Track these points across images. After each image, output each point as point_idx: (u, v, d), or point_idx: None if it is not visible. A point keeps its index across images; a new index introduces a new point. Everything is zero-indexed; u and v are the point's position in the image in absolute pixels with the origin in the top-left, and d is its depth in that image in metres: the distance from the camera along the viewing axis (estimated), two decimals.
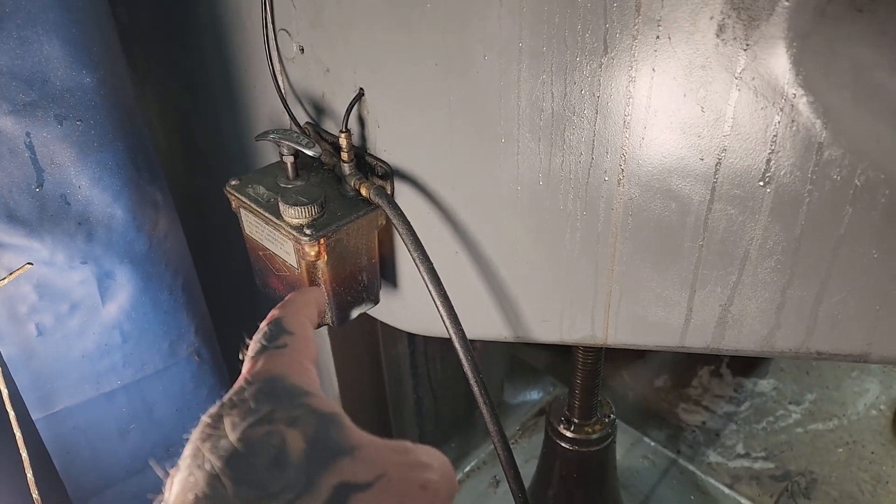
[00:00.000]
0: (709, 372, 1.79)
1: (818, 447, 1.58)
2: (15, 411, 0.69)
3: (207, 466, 0.28)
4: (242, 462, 0.28)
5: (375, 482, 0.29)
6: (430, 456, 0.33)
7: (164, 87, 1.10)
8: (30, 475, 0.71)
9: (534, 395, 1.69)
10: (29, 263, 0.63)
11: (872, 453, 1.55)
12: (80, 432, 0.83)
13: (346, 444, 0.30)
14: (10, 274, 0.63)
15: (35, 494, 0.72)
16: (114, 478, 0.88)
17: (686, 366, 1.80)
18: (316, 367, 0.37)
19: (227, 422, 0.30)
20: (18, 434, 0.69)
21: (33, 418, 0.78)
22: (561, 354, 1.75)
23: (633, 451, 1.56)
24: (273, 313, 0.40)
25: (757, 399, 1.71)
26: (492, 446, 1.54)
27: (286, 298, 0.42)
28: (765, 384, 1.76)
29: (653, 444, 1.58)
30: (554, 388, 1.70)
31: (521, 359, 1.77)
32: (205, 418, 0.31)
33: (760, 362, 1.81)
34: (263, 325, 0.38)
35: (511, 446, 0.65)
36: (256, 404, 0.31)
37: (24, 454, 0.70)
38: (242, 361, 0.36)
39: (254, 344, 0.37)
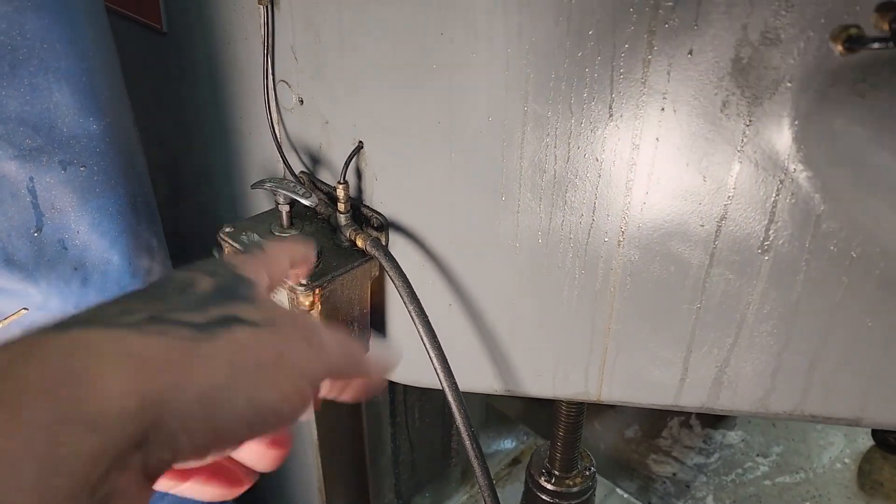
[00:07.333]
0: (678, 423, 1.81)
1: (785, 500, 1.59)
2: None
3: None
4: (155, 284, 0.33)
5: (261, 324, 0.31)
6: (347, 337, 0.35)
7: (155, 126, 1.10)
8: None
9: (507, 443, 1.68)
10: (24, 309, 0.62)
11: None
12: None
13: (249, 296, 0.33)
14: (4, 319, 0.62)
15: None
16: None
17: (656, 417, 1.82)
18: None
19: None
20: None
21: None
22: (535, 404, 1.75)
23: (606, 503, 1.56)
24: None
25: (726, 451, 1.73)
26: (465, 497, 1.53)
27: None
28: (733, 436, 1.78)
29: (626, 495, 1.58)
30: (528, 438, 1.70)
31: (496, 407, 1.76)
32: None
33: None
34: None
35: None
36: None
37: None
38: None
39: None
